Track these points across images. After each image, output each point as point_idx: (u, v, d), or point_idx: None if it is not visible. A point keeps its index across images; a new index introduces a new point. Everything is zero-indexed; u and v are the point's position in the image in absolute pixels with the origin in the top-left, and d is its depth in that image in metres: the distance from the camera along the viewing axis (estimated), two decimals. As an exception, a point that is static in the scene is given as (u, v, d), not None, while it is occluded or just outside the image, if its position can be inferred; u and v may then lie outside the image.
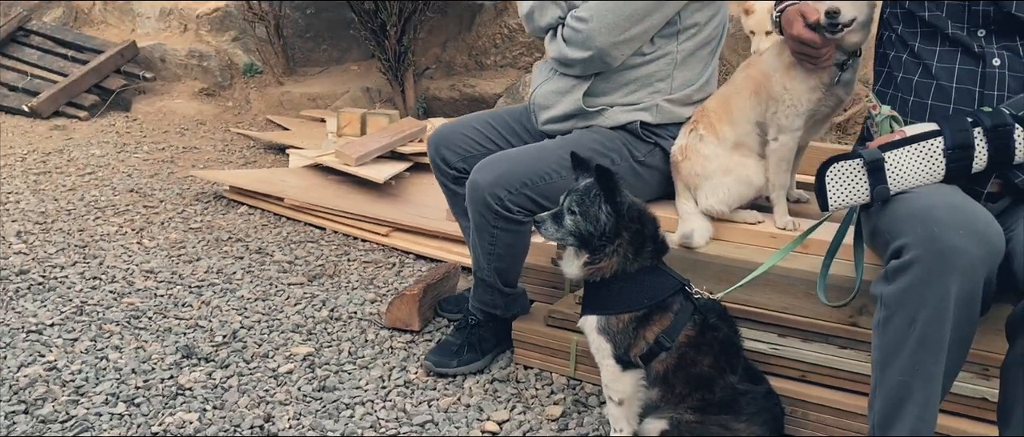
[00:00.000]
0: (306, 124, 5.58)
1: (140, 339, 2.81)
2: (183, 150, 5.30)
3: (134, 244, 3.68)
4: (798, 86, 2.27)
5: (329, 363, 2.68)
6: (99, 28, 7.06)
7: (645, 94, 2.47)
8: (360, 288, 3.25)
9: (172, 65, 6.54)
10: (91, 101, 6.12)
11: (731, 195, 2.38)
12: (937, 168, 1.84)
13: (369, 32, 5.40)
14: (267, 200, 4.14)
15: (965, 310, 1.67)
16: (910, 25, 2.09)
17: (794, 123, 2.31)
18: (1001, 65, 1.94)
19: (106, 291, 3.19)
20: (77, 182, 4.58)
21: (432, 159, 2.76)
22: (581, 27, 2.38)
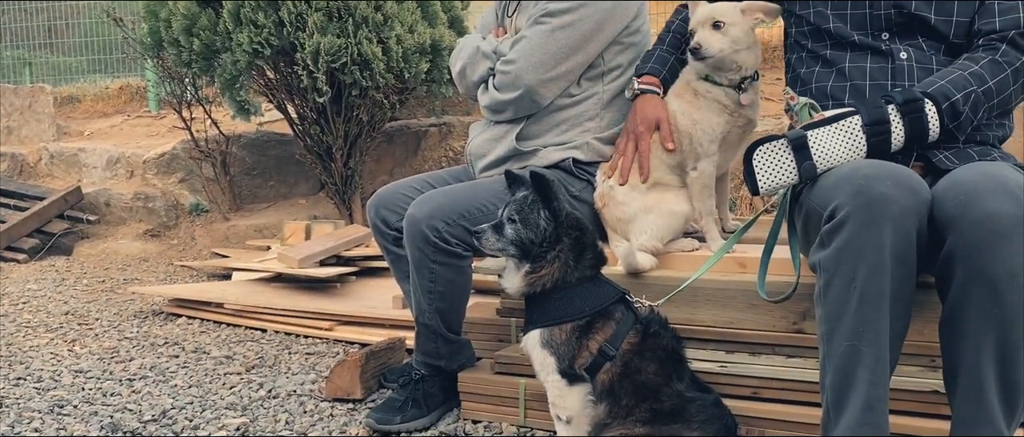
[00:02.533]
0: (250, 252, 5.53)
1: (62, 423, 2.64)
2: (123, 281, 5.18)
3: (65, 351, 3.52)
4: (705, 115, 2.37)
5: (264, 430, 2.53)
6: (45, 179, 7.05)
7: (576, 133, 2.53)
8: (301, 373, 3.12)
9: (117, 208, 6.50)
10: (31, 244, 6.02)
11: (659, 230, 2.39)
12: (858, 144, 1.89)
13: (316, 156, 5.47)
14: (207, 309, 4.03)
15: (901, 265, 1.67)
16: (818, 39, 2.20)
17: (710, 149, 2.38)
18: (908, 58, 2.05)
19: (30, 387, 3.02)
20: (9, 310, 4.42)
21: (372, 222, 2.74)
22: (509, 68, 2.46)
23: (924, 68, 2.03)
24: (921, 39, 2.08)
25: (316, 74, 4.75)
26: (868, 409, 1.67)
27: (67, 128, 8.18)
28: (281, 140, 6.48)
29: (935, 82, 1.92)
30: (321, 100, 4.87)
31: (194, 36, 5.05)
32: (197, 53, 5.09)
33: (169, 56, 5.42)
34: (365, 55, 4.77)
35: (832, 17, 2.15)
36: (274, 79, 5.28)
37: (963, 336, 1.67)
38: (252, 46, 4.77)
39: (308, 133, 5.41)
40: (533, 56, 2.44)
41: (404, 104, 5.76)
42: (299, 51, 4.79)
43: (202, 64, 5.20)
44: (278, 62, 5.09)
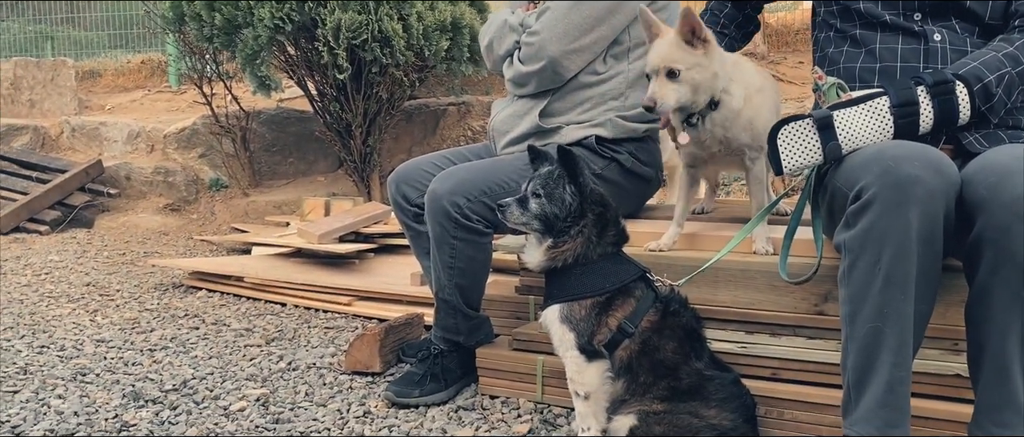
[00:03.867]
0: (269, 227, 5.56)
1: (85, 390, 2.67)
2: (143, 254, 5.23)
3: (87, 321, 3.56)
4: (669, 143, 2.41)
5: (284, 402, 2.55)
6: (67, 153, 7.10)
7: (599, 112, 2.52)
8: (320, 346, 3.14)
9: (137, 182, 6.55)
10: (53, 217, 6.07)
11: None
12: (885, 126, 1.87)
13: (335, 133, 5.48)
14: (226, 282, 4.06)
15: (928, 247, 1.66)
16: (848, 20, 2.17)
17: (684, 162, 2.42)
18: (941, 40, 2.02)
19: (53, 355, 3.05)
20: (32, 280, 4.47)
21: (392, 198, 2.75)
22: (533, 40, 2.46)
23: (958, 50, 2.00)
24: (955, 20, 2.04)
25: (337, 50, 4.75)
26: (890, 391, 1.66)
27: (88, 102, 8.23)
28: (301, 117, 6.49)
29: (967, 63, 1.89)
30: (341, 77, 4.88)
31: (216, 11, 5.06)
32: (218, 28, 5.10)
33: (190, 31, 5.44)
34: (386, 32, 4.77)
35: None
36: (295, 55, 5.28)
37: (989, 320, 1.66)
38: (273, 21, 4.78)
39: (328, 110, 5.42)
40: (557, 27, 2.43)
41: (423, 82, 5.76)
42: (320, 27, 4.80)
43: (223, 39, 5.21)
44: (299, 38, 5.10)
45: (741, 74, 2.24)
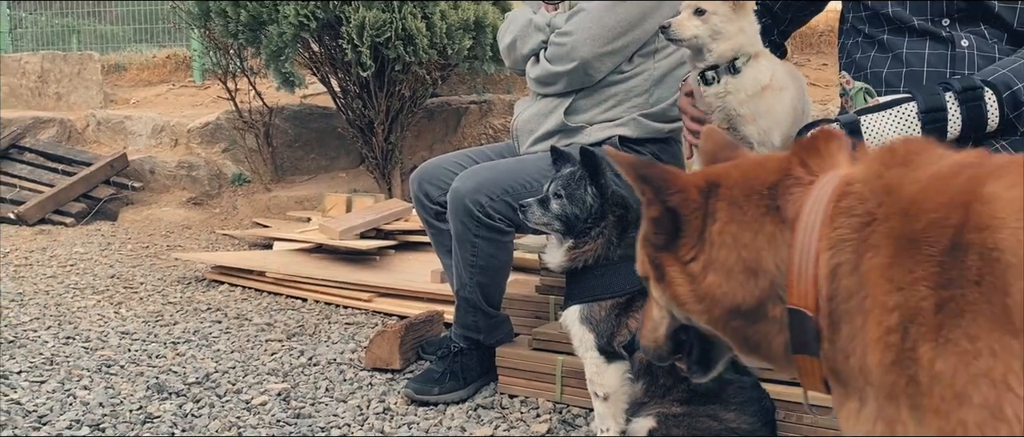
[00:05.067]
0: (290, 222, 5.60)
1: (110, 382, 2.71)
2: (167, 247, 5.28)
3: (111, 313, 3.60)
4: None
5: (305, 397, 2.58)
6: (92, 146, 7.18)
7: (623, 109, 2.52)
8: (341, 342, 3.17)
9: (161, 176, 6.61)
10: (78, 209, 6.15)
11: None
12: (912, 131, 1.86)
13: (357, 130, 5.51)
14: (248, 277, 4.09)
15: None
16: (876, 24, 2.16)
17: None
18: (969, 46, 2.01)
19: (79, 346, 3.10)
20: (57, 272, 4.53)
21: (414, 195, 2.76)
22: (565, 41, 2.46)
23: (986, 57, 1.98)
24: (984, 26, 2.03)
25: (360, 48, 4.78)
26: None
27: (114, 96, 8.32)
28: (323, 113, 6.53)
29: (996, 70, 1.88)
30: (365, 74, 4.91)
31: (241, 7, 5.10)
32: (244, 24, 5.15)
33: (216, 26, 5.49)
34: (409, 30, 4.79)
35: (892, 2, 2.11)
36: (319, 52, 5.32)
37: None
38: (298, 18, 4.81)
39: (350, 107, 5.45)
40: (591, 29, 2.44)
41: (446, 80, 5.78)
42: (344, 25, 4.82)
43: (248, 35, 5.25)
44: (323, 35, 5.13)
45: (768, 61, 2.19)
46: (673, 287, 1.23)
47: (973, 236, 0.95)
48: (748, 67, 2.08)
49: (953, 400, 0.91)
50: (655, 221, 1.20)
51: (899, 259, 0.99)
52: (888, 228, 1.03)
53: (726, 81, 2.07)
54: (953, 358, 0.92)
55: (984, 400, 0.88)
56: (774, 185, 1.16)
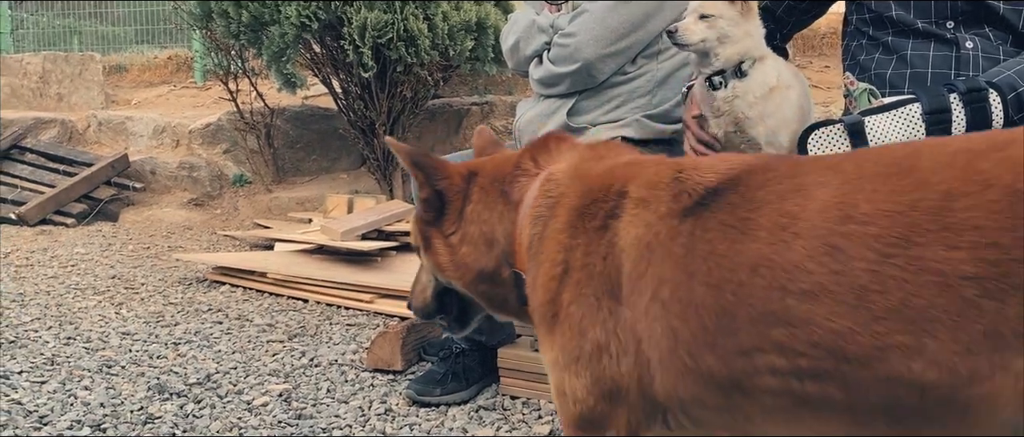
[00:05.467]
0: (292, 223, 5.60)
1: (111, 382, 2.70)
2: (168, 248, 5.28)
3: (112, 314, 3.60)
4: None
5: (306, 398, 2.57)
6: (93, 147, 7.18)
7: (626, 110, 2.51)
8: (342, 343, 3.16)
9: (162, 177, 6.61)
10: (79, 210, 6.14)
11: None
12: (917, 133, 1.85)
13: (359, 131, 5.51)
14: (250, 278, 4.08)
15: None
16: (880, 27, 2.16)
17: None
18: (974, 47, 2.01)
19: (79, 347, 3.09)
20: (58, 272, 4.52)
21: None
22: (568, 41, 2.46)
23: (990, 58, 1.98)
24: (988, 28, 2.03)
25: (362, 49, 4.77)
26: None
27: (115, 96, 8.32)
28: (325, 114, 6.53)
29: (1001, 71, 1.87)
30: (366, 75, 4.90)
31: (243, 8, 5.10)
32: (245, 25, 5.14)
33: (217, 27, 5.48)
34: (411, 31, 4.79)
35: (895, 4, 2.11)
36: (320, 53, 5.32)
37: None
38: (300, 19, 4.81)
39: (352, 108, 5.45)
40: (594, 30, 2.43)
41: (447, 81, 5.77)
42: (346, 25, 4.82)
43: (250, 36, 5.25)
44: (325, 36, 5.12)
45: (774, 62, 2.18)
46: (437, 256, 1.51)
47: (607, 219, 1.26)
48: (755, 70, 2.06)
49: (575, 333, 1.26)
50: (426, 201, 1.49)
51: (570, 226, 1.30)
52: (568, 202, 1.33)
53: (734, 85, 2.05)
54: (581, 305, 1.25)
55: (596, 337, 1.23)
56: (509, 175, 1.46)
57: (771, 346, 1.07)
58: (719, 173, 1.22)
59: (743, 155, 1.65)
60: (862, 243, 1.01)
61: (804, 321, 1.04)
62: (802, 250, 1.05)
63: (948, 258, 0.95)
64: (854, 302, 1.01)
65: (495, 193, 1.46)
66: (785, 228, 1.08)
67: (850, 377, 1.02)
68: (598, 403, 1.24)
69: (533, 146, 1.50)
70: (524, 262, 1.39)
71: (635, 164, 1.35)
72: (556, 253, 1.31)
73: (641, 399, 1.20)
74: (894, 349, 0.99)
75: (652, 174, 1.28)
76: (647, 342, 1.18)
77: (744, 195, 1.15)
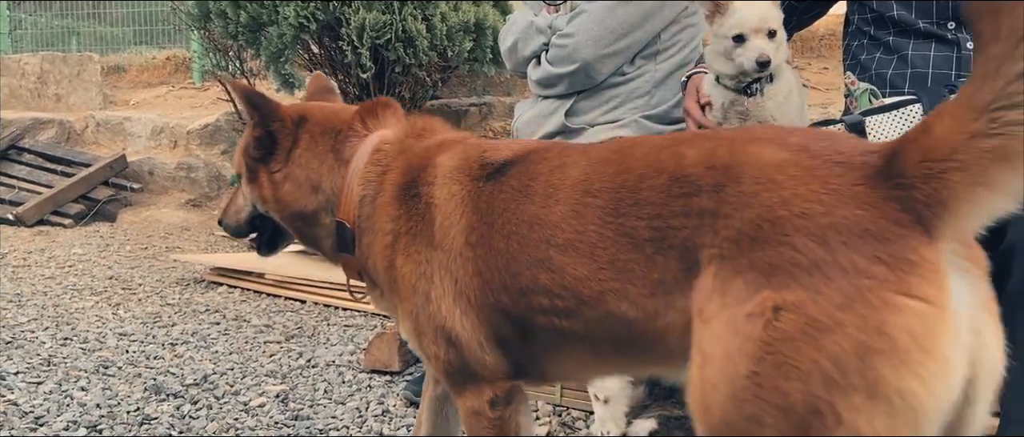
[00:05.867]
0: (291, 224, 5.59)
1: (107, 383, 2.69)
2: (165, 249, 5.27)
3: (109, 314, 3.59)
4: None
5: (303, 399, 2.56)
6: (91, 147, 7.17)
7: (625, 111, 2.51)
8: (339, 344, 3.15)
9: (160, 177, 6.60)
10: (77, 210, 6.13)
11: None
12: (916, 134, 1.85)
13: (356, 132, 5.50)
14: (248, 278, 4.08)
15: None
16: (881, 27, 2.16)
17: None
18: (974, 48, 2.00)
19: (76, 347, 3.08)
20: (56, 273, 4.51)
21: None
22: (566, 42, 2.45)
23: None
24: None
25: (360, 49, 4.77)
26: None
27: (113, 97, 8.31)
28: (323, 115, 6.52)
29: None
30: (365, 76, 4.90)
31: (241, 8, 5.09)
32: (243, 25, 5.14)
33: (215, 28, 5.48)
34: (409, 32, 4.78)
35: (897, 4, 2.11)
36: (319, 54, 5.31)
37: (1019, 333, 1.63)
38: (298, 20, 4.80)
39: (350, 108, 5.44)
40: (592, 30, 2.43)
41: (446, 82, 5.77)
42: (344, 26, 4.81)
43: (248, 37, 5.24)
44: (323, 37, 5.12)
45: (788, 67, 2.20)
46: (260, 189, 1.70)
47: (424, 188, 1.50)
48: (780, 75, 2.10)
49: (410, 290, 1.48)
50: (258, 139, 1.68)
51: (396, 198, 1.54)
52: (394, 177, 1.56)
53: (767, 89, 2.08)
54: (411, 264, 1.48)
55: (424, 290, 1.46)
56: (341, 132, 1.65)
57: (539, 289, 1.34)
58: (513, 151, 1.50)
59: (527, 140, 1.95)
60: (593, 211, 1.30)
61: (560, 268, 1.31)
62: (560, 212, 1.33)
63: (637, 225, 1.25)
64: (588, 255, 1.29)
65: (326, 145, 1.65)
66: (550, 195, 1.36)
67: (586, 315, 1.31)
68: (447, 350, 1.46)
69: (364, 109, 1.69)
70: (348, 215, 1.60)
71: (449, 142, 1.59)
72: (386, 223, 1.54)
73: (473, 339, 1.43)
74: (610, 293, 1.27)
75: (462, 150, 1.54)
76: (462, 282, 1.43)
77: (527, 168, 1.43)
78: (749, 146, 1.20)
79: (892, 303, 1.02)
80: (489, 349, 1.43)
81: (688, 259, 1.19)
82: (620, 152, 1.36)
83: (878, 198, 1.07)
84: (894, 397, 1.01)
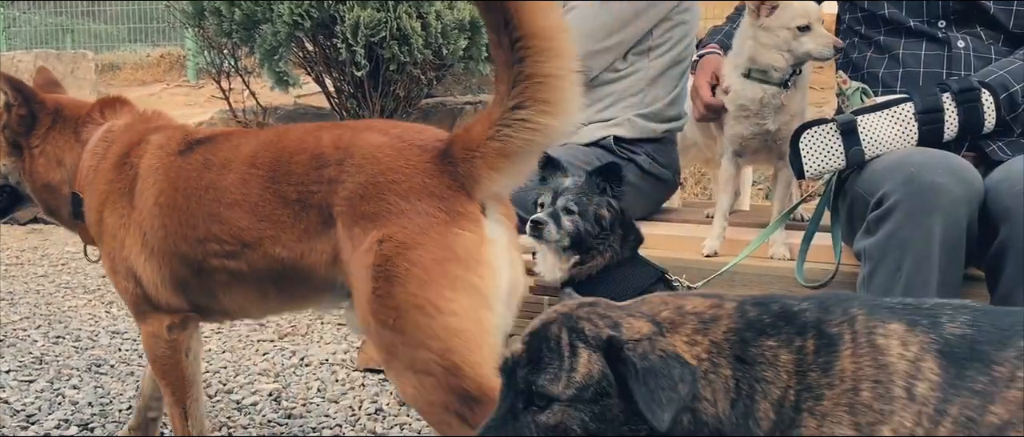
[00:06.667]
0: (286, 223, 5.58)
1: (99, 381, 2.68)
2: (160, 247, 5.25)
3: (102, 313, 3.57)
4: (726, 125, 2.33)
5: (296, 397, 2.56)
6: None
7: (619, 109, 2.50)
8: (333, 343, 3.14)
9: (155, 175, 6.58)
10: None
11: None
12: (909, 132, 1.85)
13: (351, 130, 5.48)
14: (242, 277, 4.06)
15: (950, 255, 1.64)
16: (873, 25, 2.16)
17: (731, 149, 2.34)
18: (965, 47, 2.00)
19: (69, 345, 3.07)
20: (49, 271, 4.50)
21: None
22: None
23: (982, 58, 1.98)
24: (979, 28, 2.02)
25: (355, 47, 4.75)
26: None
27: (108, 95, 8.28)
28: (318, 113, 6.49)
29: (993, 72, 1.87)
30: (359, 74, 4.88)
31: (236, 6, 5.07)
32: (238, 23, 5.12)
33: (210, 26, 5.45)
34: (404, 30, 4.77)
35: (888, 3, 2.11)
36: (313, 51, 5.29)
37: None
38: (293, 18, 4.79)
39: (345, 107, 5.42)
40: (583, 27, 2.42)
41: (441, 80, 5.75)
42: (339, 24, 4.80)
43: (243, 34, 5.22)
44: (318, 34, 5.10)
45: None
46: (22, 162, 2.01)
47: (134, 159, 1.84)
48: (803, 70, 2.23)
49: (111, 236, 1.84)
50: (22, 118, 1.99)
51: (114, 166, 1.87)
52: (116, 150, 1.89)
53: (796, 81, 2.21)
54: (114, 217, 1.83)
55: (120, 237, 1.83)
56: (83, 119, 2.01)
57: (213, 237, 1.71)
58: (208, 134, 1.87)
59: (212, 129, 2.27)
60: (256, 178, 1.68)
61: (228, 221, 1.69)
62: (231, 179, 1.70)
63: (288, 189, 1.63)
64: (251, 211, 1.67)
65: (71, 129, 2.00)
66: (225, 167, 1.73)
67: (250, 256, 1.68)
68: (135, 286, 1.82)
69: (103, 102, 2.06)
70: (81, 185, 1.93)
71: (162, 127, 1.95)
72: (103, 185, 1.88)
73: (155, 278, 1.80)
74: (267, 239, 1.66)
75: (168, 132, 1.89)
76: (148, 233, 1.79)
77: (213, 146, 1.79)
78: (363, 133, 1.64)
79: (452, 232, 1.51)
80: (168, 286, 1.80)
81: (324, 214, 1.60)
82: (279, 135, 1.76)
83: (439, 171, 1.54)
84: (467, 287, 1.49)
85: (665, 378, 0.98)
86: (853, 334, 1.02)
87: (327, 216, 1.59)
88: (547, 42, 1.44)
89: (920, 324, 1.02)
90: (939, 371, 0.98)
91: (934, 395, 0.97)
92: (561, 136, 1.55)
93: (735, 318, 1.08)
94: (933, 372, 0.98)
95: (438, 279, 1.47)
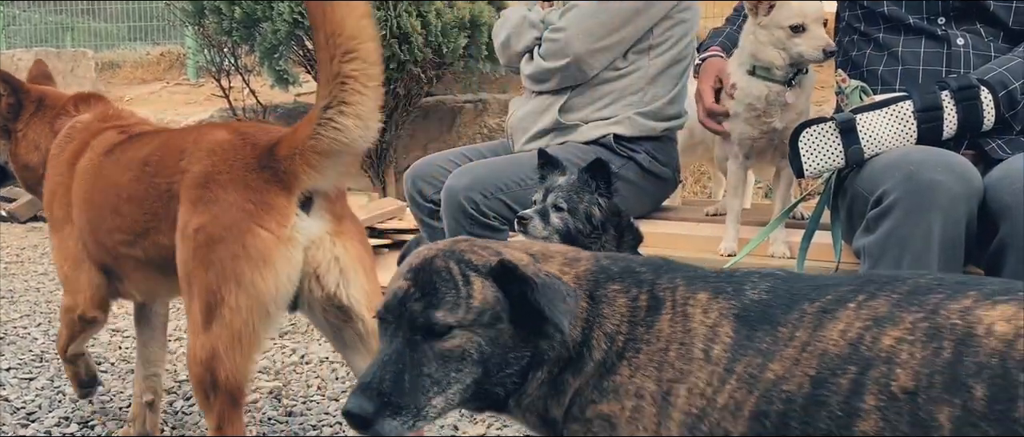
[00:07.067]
0: (286, 221, 5.58)
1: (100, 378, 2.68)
2: (160, 245, 5.25)
3: (102, 310, 3.57)
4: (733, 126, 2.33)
5: (296, 395, 2.56)
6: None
7: (619, 107, 2.51)
8: (333, 341, 3.14)
9: (155, 174, 6.58)
10: (70, 206, 6.11)
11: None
12: (908, 130, 1.85)
13: (351, 129, 5.48)
14: (242, 275, 4.07)
15: (949, 253, 1.64)
16: (872, 22, 2.16)
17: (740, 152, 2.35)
18: (965, 44, 2.00)
19: (68, 343, 3.07)
20: (49, 269, 4.49)
21: (408, 193, 2.74)
22: (558, 36, 2.45)
23: (981, 55, 1.98)
24: (979, 25, 2.03)
25: (355, 46, 4.75)
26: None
27: (108, 93, 8.27)
28: (317, 112, 6.50)
29: (992, 69, 1.87)
30: (359, 72, 4.88)
31: (235, 4, 5.08)
32: (238, 21, 5.12)
33: (210, 24, 5.46)
34: (404, 28, 4.77)
35: (887, 1, 2.11)
36: (313, 50, 5.29)
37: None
38: (293, 16, 4.79)
39: (345, 105, 5.42)
40: (583, 24, 2.42)
41: (441, 79, 5.75)
42: (339, 22, 4.80)
43: (242, 33, 5.23)
44: (318, 33, 5.09)
45: None
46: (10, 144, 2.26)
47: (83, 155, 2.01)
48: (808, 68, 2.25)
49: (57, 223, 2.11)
50: (10, 106, 2.24)
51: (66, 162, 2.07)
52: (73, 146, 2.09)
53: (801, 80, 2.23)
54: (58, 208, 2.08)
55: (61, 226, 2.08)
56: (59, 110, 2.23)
57: (115, 228, 1.89)
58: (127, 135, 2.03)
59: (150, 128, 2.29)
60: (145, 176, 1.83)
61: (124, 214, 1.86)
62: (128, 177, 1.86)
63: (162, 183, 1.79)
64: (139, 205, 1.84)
65: (49, 118, 2.23)
66: (127, 166, 1.89)
67: (143, 244, 1.85)
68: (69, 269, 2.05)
69: (78, 97, 2.28)
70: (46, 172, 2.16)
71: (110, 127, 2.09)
72: (55, 176, 2.09)
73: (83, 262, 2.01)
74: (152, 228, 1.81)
75: (106, 135, 2.05)
76: (79, 224, 1.99)
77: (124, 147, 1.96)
78: (215, 130, 1.81)
79: (252, 230, 1.63)
80: (89, 269, 2.02)
81: (178, 201, 1.74)
82: (171, 135, 1.96)
83: (260, 167, 1.66)
84: (249, 286, 1.62)
85: (558, 292, 1.10)
86: (673, 301, 1.13)
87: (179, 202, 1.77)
88: (350, 42, 1.53)
89: (725, 292, 1.12)
90: (732, 334, 1.08)
91: (725, 356, 1.07)
92: (363, 138, 1.63)
93: (592, 262, 1.21)
94: (727, 335, 1.08)
95: (229, 274, 1.63)
